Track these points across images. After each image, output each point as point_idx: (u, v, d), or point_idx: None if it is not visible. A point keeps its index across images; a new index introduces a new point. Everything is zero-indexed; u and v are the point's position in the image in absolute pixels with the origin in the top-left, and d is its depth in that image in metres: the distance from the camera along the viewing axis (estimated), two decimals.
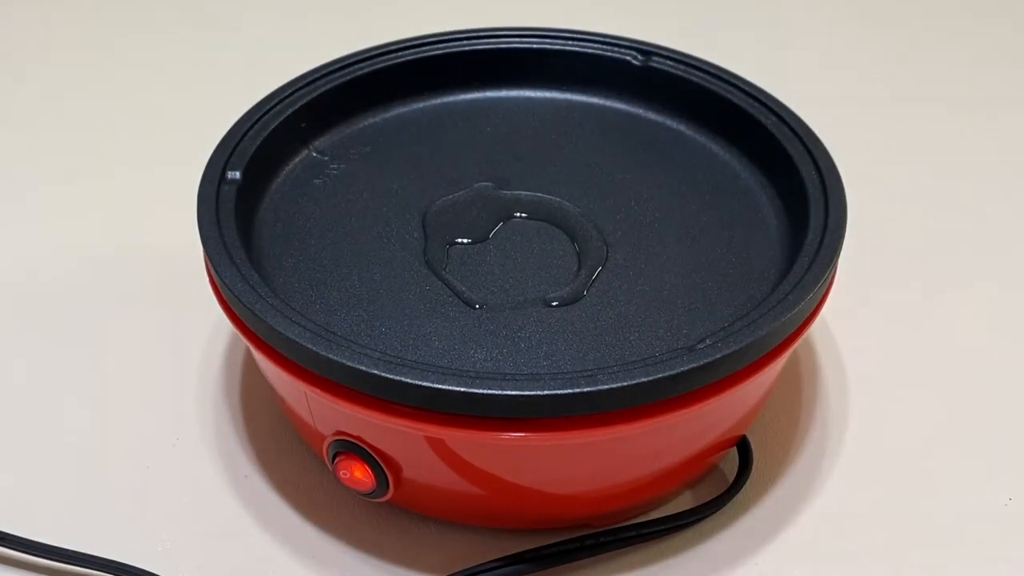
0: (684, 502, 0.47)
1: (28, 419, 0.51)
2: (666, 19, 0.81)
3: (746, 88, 0.52)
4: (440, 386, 0.38)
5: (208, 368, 0.54)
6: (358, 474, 0.42)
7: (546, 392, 0.38)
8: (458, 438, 0.40)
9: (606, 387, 0.38)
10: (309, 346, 0.39)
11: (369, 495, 0.43)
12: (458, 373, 0.38)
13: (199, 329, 0.55)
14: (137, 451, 0.50)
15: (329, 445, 0.42)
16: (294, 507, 0.47)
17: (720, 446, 0.46)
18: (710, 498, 0.46)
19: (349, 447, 0.42)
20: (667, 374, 0.38)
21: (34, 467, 0.49)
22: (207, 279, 0.45)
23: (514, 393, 0.38)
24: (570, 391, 0.38)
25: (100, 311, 0.57)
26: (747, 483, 0.47)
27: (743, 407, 0.45)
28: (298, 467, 0.49)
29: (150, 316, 0.56)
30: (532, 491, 0.43)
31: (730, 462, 0.48)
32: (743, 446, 0.47)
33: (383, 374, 0.38)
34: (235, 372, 0.53)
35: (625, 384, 0.38)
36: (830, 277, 0.44)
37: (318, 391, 0.40)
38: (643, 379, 0.38)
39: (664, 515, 0.46)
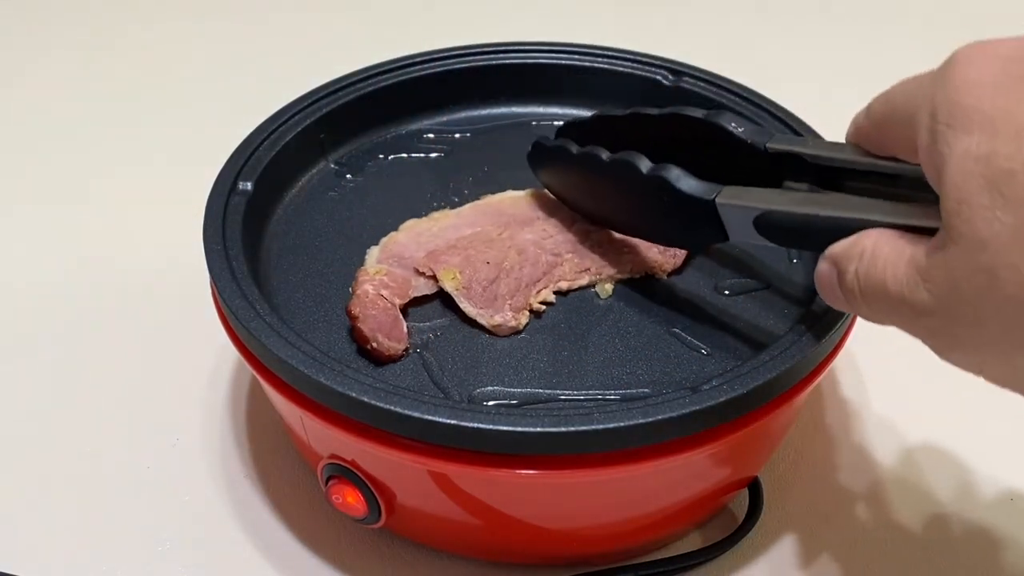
0: (693, 542, 0.46)
1: (31, 420, 0.51)
2: (698, 39, 0.79)
3: (776, 112, 0.50)
4: (432, 417, 0.36)
5: (218, 373, 0.53)
6: (350, 500, 0.41)
7: (539, 429, 0.36)
8: (451, 471, 0.38)
9: (601, 427, 0.36)
10: (301, 368, 0.38)
11: (361, 521, 0.42)
12: (450, 405, 0.37)
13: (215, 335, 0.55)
14: (138, 452, 0.49)
15: (323, 468, 0.41)
16: (289, 522, 0.46)
17: (727, 488, 0.44)
18: (718, 539, 0.45)
19: (342, 471, 0.41)
20: (667, 416, 0.36)
21: (34, 468, 0.49)
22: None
23: (506, 428, 0.36)
24: (563, 429, 0.36)
25: (117, 315, 0.57)
26: (757, 526, 0.45)
27: (751, 451, 0.43)
28: (295, 479, 0.48)
29: (164, 321, 0.56)
30: (528, 526, 0.41)
31: (743, 500, 0.46)
32: (754, 487, 0.45)
33: (373, 402, 0.37)
34: (245, 377, 0.53)
35: (621, 425, 0.36)
36: (851, 318, 0.41)
37: (310, 415, 0.39)
38: (641, 420, 0.36)
39: (668, 555, 0.44)
